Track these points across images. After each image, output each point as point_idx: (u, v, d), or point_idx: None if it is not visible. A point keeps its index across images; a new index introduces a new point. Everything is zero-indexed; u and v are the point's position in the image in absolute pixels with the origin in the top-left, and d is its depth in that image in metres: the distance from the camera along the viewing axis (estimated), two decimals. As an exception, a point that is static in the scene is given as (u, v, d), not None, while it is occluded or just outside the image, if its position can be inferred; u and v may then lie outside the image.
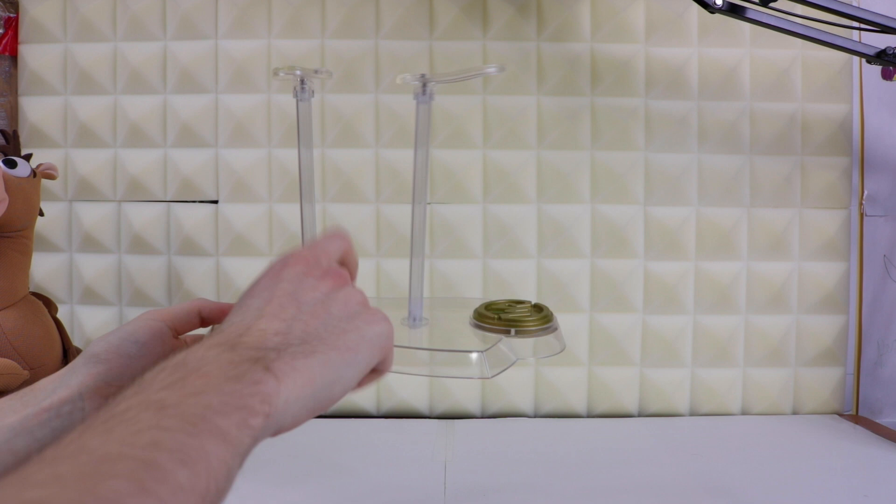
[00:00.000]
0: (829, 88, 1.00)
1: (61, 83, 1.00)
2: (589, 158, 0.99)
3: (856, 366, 1.02)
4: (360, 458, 0.82)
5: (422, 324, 0.61)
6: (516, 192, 0.99)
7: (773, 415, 1.00)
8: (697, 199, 1.00)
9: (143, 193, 1.00)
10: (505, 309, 0.60)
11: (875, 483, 0.79)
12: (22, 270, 0.80)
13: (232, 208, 1.00)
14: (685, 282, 1.00)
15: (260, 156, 0.99)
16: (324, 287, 0.34)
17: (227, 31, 0.99)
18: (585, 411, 1.01)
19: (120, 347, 0.40)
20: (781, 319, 1.00)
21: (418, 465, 0.80)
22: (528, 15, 0.99)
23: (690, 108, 0.99)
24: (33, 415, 0.37)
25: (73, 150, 1.01)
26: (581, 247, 0.99)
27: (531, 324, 0.59)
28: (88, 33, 1.00)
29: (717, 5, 0.81)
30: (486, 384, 1.00)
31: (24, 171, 0.78)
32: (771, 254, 1.00)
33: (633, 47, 0.99)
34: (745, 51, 1.00)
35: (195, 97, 0.99)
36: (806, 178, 1.00)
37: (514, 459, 0.84)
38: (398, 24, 0.99)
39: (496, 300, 0.64)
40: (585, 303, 1.00)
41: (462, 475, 0.78)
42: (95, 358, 0.39)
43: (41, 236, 0.99)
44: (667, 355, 1.00)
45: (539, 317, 0.60)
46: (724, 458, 0.84)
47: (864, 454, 0.86)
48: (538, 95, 0.99)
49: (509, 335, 0.56)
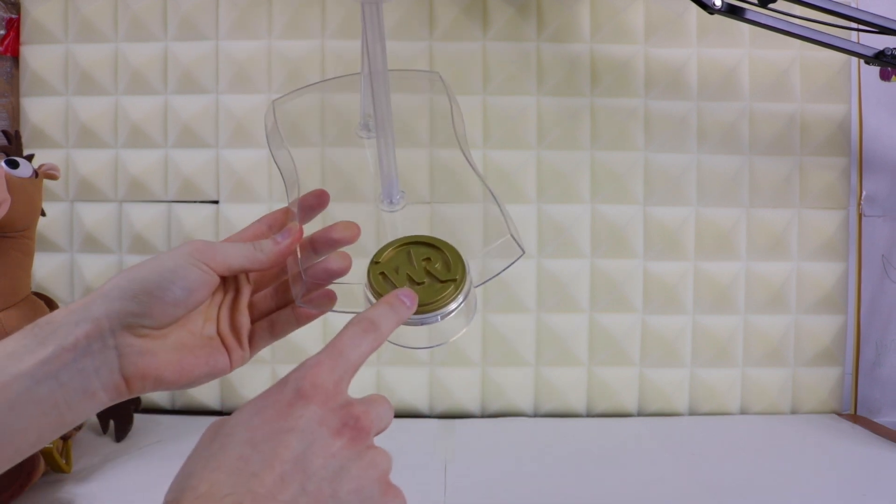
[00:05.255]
0: (828, 89, 1.00)
1: (62, 84, 1.01)
2: (589, 158, 1.00)
3: (854, 366, 1.03)
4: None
5: (399, 204, 0.49)
6: (516, 192, 0.99)
7: (771, 414, 1.01)
8: (697, 200, 1.00)
9: (144, 194, 1.01)
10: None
11: (873, 482, 0.79)
12: (24, 270, 0.80)
13: (232, 208, 1.00)
14: (685, 282, 1.00)
15: (260, 156, 1.00)
16: (339, 450, 0.29)
17: (228, 32, 0.99)
18: (585, 411, 1.01)
19: (161, 291, 0.35)
20: (780, 319, 1.01)
21: (418, 464, 0.81)
22: (528, 15, 0.99)
23: (690, 108, 1.00)
24: (55, 356, 0.33)
25: (74, 151, 1.01)
26: (581, 247, 1.00)
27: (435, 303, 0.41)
28: (89, 34, 1.00)
29: (717, 6, 0.81)
30: (486, 384, 1.00)
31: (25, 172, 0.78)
32: (770, 254, 1.00)
33: (632, 48, 0.99)
34: (744, 51, 1.00)
35: (196, 98, 1.00)
36: (805, 178, 1.01)
37: (513, 459, 0.84)
38: (398, 25, 0.99)
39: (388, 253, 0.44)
40: (585, 303, 1.00)
41: (462, 475, 0.78)
42: (131, 297, 0.35)
43: (43, 236, 0.99)
44: (666, 355, 1.00)
45: (438, 287, 0.41)
46: (723, 457, 0.84)
47: (862, 454, 0.86)
48: (538, 96, 1.00)
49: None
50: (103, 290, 0.35)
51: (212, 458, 0.28)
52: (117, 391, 0.35)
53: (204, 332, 0.39)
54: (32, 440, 0.33)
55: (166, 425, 0.94)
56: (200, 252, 0.37)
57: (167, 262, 0.36)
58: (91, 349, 0.33)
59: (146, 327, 0.35)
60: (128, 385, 0.35)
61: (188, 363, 0.37)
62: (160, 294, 0.35)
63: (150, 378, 0.36)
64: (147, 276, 0.35)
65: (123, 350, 0.34)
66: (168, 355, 0.36)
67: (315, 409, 0.29)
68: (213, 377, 0.39)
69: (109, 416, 0.89)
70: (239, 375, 0.99)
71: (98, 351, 0.34)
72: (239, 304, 0.42)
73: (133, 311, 0.34)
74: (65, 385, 0.33)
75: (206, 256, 0.37)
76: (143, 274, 0.35)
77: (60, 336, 0.33)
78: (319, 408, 0.29)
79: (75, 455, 0.80)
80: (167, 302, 0.35)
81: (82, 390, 0.34)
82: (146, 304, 0.35)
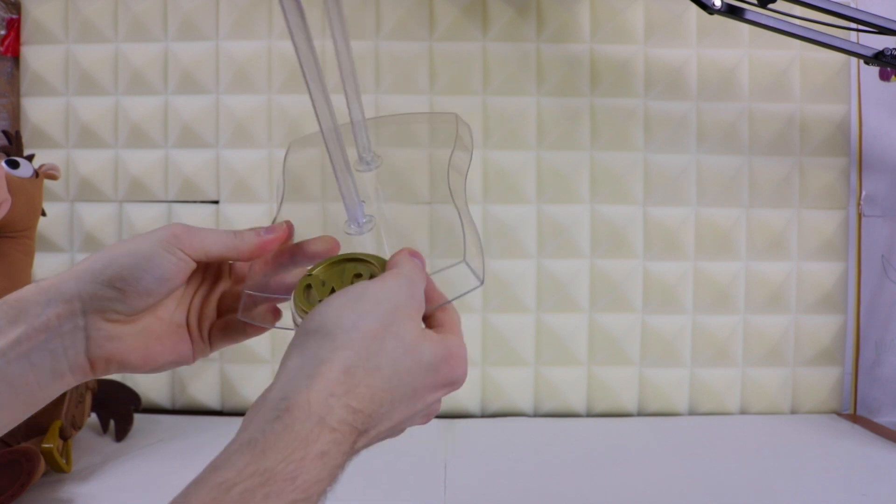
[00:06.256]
0: (828, 89, 1.01)
1: (63, 84, 1.01)
2: (588, 159, 1.00)
3: (854, 365, 1.03)
4: (359, 457, 0.83)
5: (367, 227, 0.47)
6: (516, 192, 1.00)
7: (771, 414, 1.01)
8: (696, 200, 1.00)
9: (145, 194, 1.01)
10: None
11: (873, 482, 0.79)
12: (24, 271, 0.80)
13: (233, 208, 1.00)
14: (684, 282, 1.00)
15: (261, 156, 1.00)
16: (429, 415, 0.38)
17: (228, 32, 0.99)
18: (585, 411, 1.01)
19: (135, 280, 0.35)
20: (780, 319, 1.01)
21: (418, 464, 0.81)
22: (527, 16, 0.99)
23: (689, 108, 1.00)
24: (26, 336, 0.33)
25: (74, 151, 1.01)
26: (580, 247, 1.00)
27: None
28: (90, 34, 1.00)
29: (716, 6, 0.81)
30: (486, 384, 1.00)
31: (26, 172, 0.79)
32: (769, 254, 1.01)
33: (632, 48, 0.99)
34: (743, 52, 1.00)
35: (196, 98, 1.00)
36: (804, 178, 1.01)
37: (513, 459, 0.84)
38: (398, 25, 0.99)
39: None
40: (585, 303, 1.00)
41: (462, 475, 0.78)
42: (104, 281, 0.34)
43: (43, 236, 0.99)
44: (666, 355, 1.00)
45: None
46: (723, 457, 0.84)
47: (861, 453, 0.86)
48: (538, 96, 1.00)
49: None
50: (76, 271, 0.35)
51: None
52: (82, 372, 0.35)
53: (173, 319, 0.39)
54: (6, 421, 0.33)
55: (166, 425, 0.94)
56: (177, 238, 0.36)
57: (143, 247, 0.35)
58: (62, 330, 0.34)
59: (117, 312, 0.35)
60: (92, 367, 0.35)
61: (154, 350, 0.37)
62: (133, 282, 0.35)
63: (114, 362, 0.36)
64: (122, 262, 0.35)
65: (92, 333, 0.34)
66: (135, 341, 0.36)
67: (447, 391, 0.37)
68: (178, 365, 0.39)
69: (109, 416, 0.89)
70: (239, 375, 0.99)
71: (68, 332, 0.34)
72: (213, 295, 0.41)
73: (106, 295, 0.34)
74: (36, 365, 0.33)
75: (183, 242, 0.36)
76: (118, 258, 0.35)
77: (31, 315, 0.33)
78: (450, 391, 0.37)
79: (75, 455, 0.80)
80: (140, 291, 0.35)
81: (52, 371, 0.34)
82: (119, 291, 0.34)
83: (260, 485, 0.26)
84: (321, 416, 0.29)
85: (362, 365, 0.31)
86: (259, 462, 0.27)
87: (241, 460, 0.27)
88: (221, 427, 0.93)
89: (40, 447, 0.71)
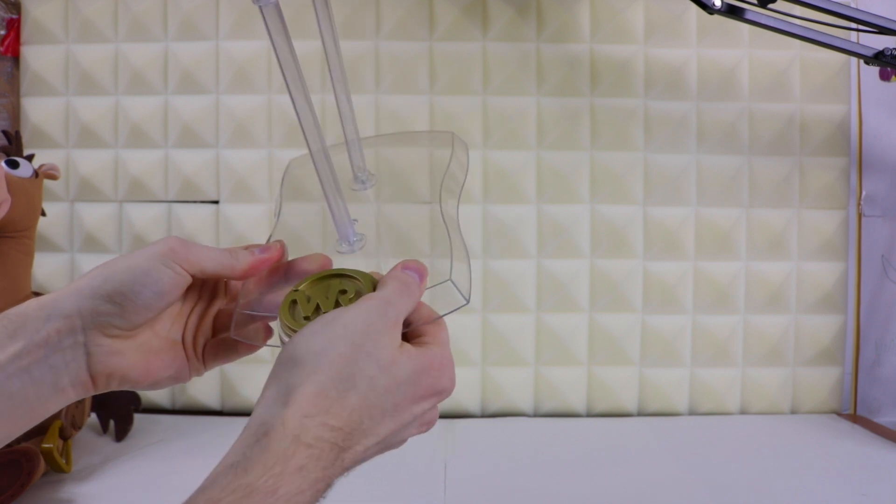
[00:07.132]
0: (828, 89, 1.01)
1: (63, 84, 1.01)
2: (588, 159, 1.00)
3: (854, 365, 1.03)
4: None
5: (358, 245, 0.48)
6: (516, 192, 1.00)
7: (771, 414, 1.01)
8: (696, 200, 1.00)
9: (145, 194, 1.01)
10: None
11: (873, 482, 0.79)
12: (24, 271, 0.80)
13: (233, 208, 1.00)
14: (684, 282, 1.00)
15: (261, 156, 1.00)
16: (425, 424, 0.38)
17: (228, 32, 0.99)
18: (585, 410, 1.01)
19: (134, 294, 0.35)
20: (780, 319, 1.01)
21: (418, 464, 0.81)
22: (527, 16, 0.99)
23: (689, 108, 1.00)
24: (26, 351, 0.33)
25: (74, 151, 1.01)
26: (580, 247, 1.00)
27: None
28: (90, 34, 1.00)
29: (716, 6, 0.81)
30: (486, 384, 1.00)
31: (26, 172, 0.79)
32: (769, 254, 1.01)
33: (632, 48, 0.99)
34: (743, 52, 1.00)
35: (196, 98, 1.00)
36: (804, 178, 1.01)
37: (513, 459, 0.84)
38: (398, 25, 0.99)
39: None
40: (585, 303, 1.00)
41: (462, 475, 0.78)
42: (104, 297, 0.35)
43: (43, 237, 0.99)
44: (666, 355, 1.00)
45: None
46: (723, 457, 0.84)
47: (862, 453, 0.86)
48: (538, 96, 1.00)
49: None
50: (75, 287, 0.35)
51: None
52: (84, 388, 0.36)
53: (170, 336, 0.40)
54: (3, 434, 0.33)
55: (166, 425, 0.94)
56: (175, 252, 0.37)
57: (141, 262, 0.36)
58: (62, 345, 0.34)
59: (117, 328, 0.35)
60: (94, 382, 0.36)
61: (154, 365, 0.38)
62: (132, 297, 0.35)
63: (116, 377, 0.36)
64: (121, 278, 0.35)
65: (92, 349, 0.35)
66: (135, 356, 0.37)
67: (436, 401, 0.38)
68: (175, 382, 0.40)
69: (109, 416, 0.89)
70: (239, 376, 0.99)
71: (68, 347, 0.34)
72: (209, 313, 0.42)
73: (105, 311, 0.35)
74: (37, 380, 0.33)
75: (180, 256, 0.37)
76: (116, 274, 0.35)
77: (31, 330, 0.33)
78: (438, 401, 0.38)
79: (75, 455, 0.80)
80: (139, 305, 0.35)
81: (52, 386, 0.34)
82: (119, 306, 0.35)
83: (243, 497, 0.28)
84: (296, 434, 0.31)
85: (334, 386, 0.33)
86: (241, 479, 0.29)
87: (225, 480, 0.29)
88: (221, 427, 0.93)
89: (40, 447, 0.71)
